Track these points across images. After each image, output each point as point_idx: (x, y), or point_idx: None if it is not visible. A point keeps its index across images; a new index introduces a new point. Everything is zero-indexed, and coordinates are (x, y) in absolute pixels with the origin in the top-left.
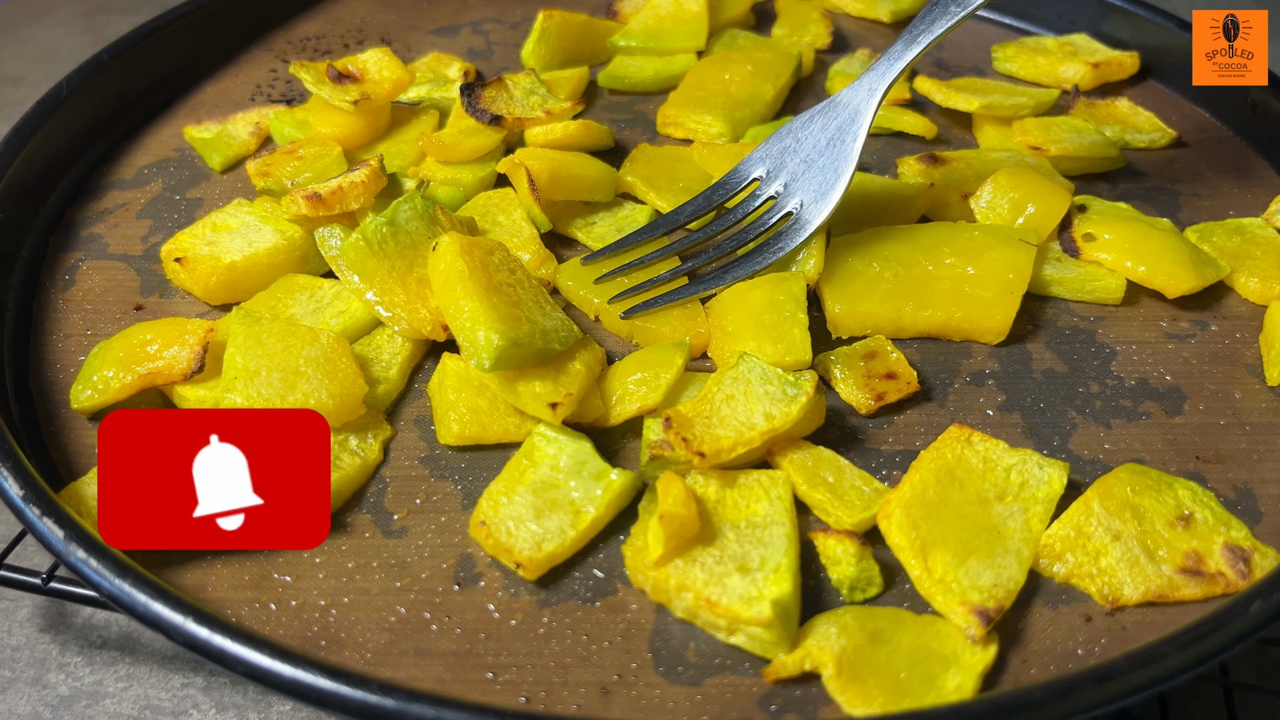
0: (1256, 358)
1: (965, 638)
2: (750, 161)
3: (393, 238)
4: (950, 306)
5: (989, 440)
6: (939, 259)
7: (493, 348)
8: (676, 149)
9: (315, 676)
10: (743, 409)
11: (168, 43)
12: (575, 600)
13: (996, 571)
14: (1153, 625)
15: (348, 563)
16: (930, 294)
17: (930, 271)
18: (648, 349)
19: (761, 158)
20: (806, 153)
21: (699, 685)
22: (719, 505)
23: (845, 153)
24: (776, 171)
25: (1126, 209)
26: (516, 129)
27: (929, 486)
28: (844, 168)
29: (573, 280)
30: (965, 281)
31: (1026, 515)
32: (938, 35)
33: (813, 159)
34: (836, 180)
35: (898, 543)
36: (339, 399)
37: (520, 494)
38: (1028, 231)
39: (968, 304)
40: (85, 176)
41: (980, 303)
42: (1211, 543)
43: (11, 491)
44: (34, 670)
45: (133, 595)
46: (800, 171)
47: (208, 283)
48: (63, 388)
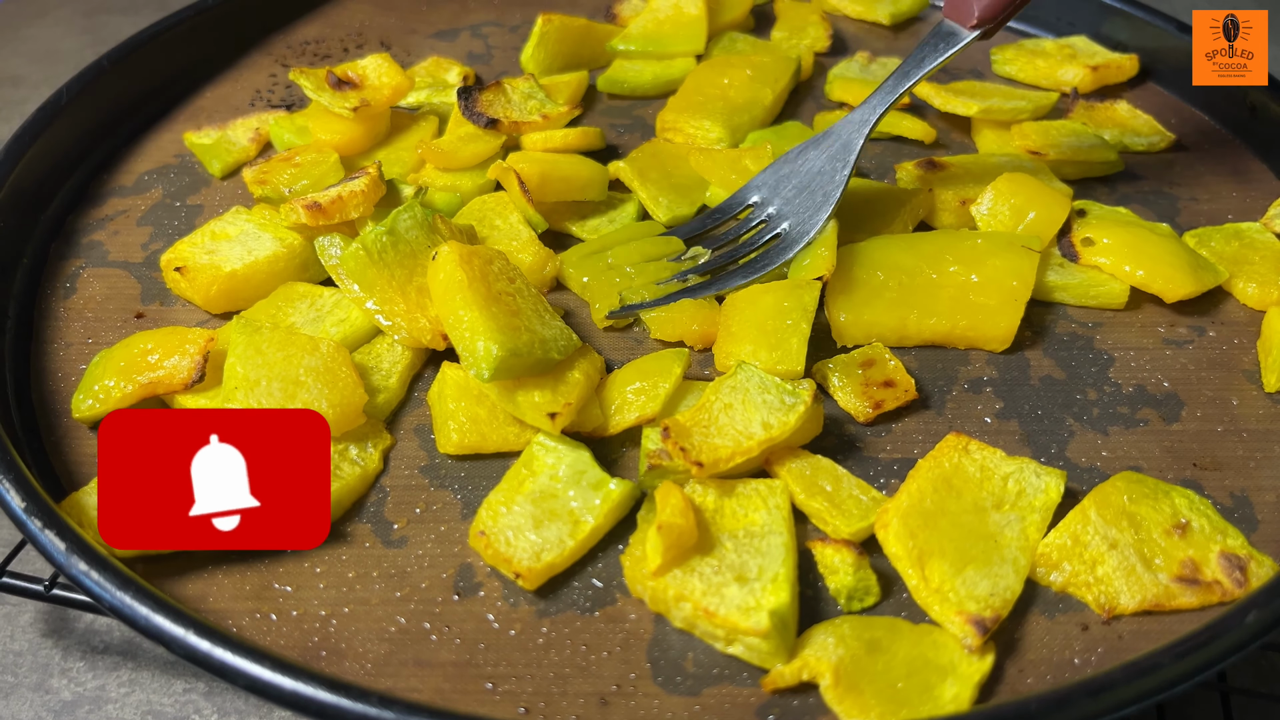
0: (1254, 364)
1: (962, 647)
2: (748, 188)
3: (392, 247)
4: (954, 314)
5: (986, 449)
6: (942, 267)
7: (492, 358)
8: (674, 146)
9: (315, 689)
10: (741, 418)
11: (167, 48)
12: (574, 610)
13: (993, 581)
14: (1149, 634)
15: (348, 572)
16: (934, 302)
17: (934, 280)
18: (646, 358)
19: (758, 185)
20: (800, 180)
21: (697, 695)
22: (717, 515)
23: (834, 180)
24: (771, 198)
25: (1126, 214)
26: (513, 133)
27: (926, 496)
28: (832, 193)
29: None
30: (969, 289)
31: (1024, 524)
32: (928, 70)
33: (804, 185)
34: (825, 203)
35: (895, 552)
36: (339, 408)
37: (519, 504)
38: (1030, 238)
39: (972, 312)
40: (85, 183)
41: (984, 310)
42: (1208, 551)
43: (13, 503)
44: (36, 675)
45: (134, 608)
46: (792, 197)
47: (208, 292)
48: (64, 396)
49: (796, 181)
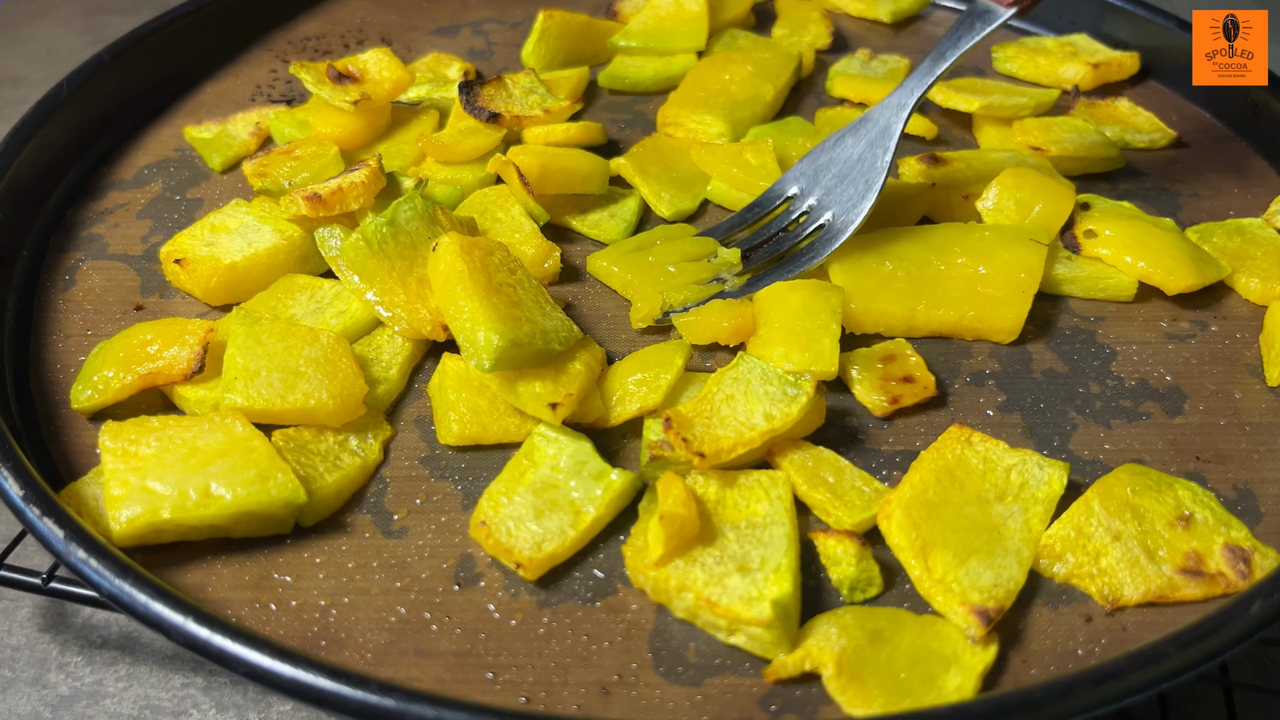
0: (1256, 358)
1: (965, 638)
2: (785, 180)
3: (393, 238)
4: (963, 305)
5: (989, 440)
6: (950, 259)
7: (492, 348)
8: (675, 141)
9: (315, 676)
10: (743, 409)
11: (168, 43)
12: (575, 600)
13: (996, 572)
14: (1153, 626)
15: (348, 563)
16: (943, 293)
17: (942, 271)
18: (648, 349)
19: (796, 176)
20: (839, 168)
21: (699, 685)
22: (719, 505)
23: (876, 166)
24: (810, 188)
25: (1130, 208)
26: (515, 127)
27: (929, 487)
28: (874, 180)
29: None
30: (977, 281)
31: (1027, 515)
32: (964, 51)
33: (845, 173)
34: (867, 191)
35: (898, 543)
36: (339, 399)
37: (520, 494)
38: (1038, 231)
39: (980, 303)
40: (86, 176)
41: (992, 302)
42: (1212, 543)
43: (11, 491)
44: (34, 670)
45: (133, 595)
46: (833, 186)
47: (208, 284)
48: (63, 388)
49: (836, 170)
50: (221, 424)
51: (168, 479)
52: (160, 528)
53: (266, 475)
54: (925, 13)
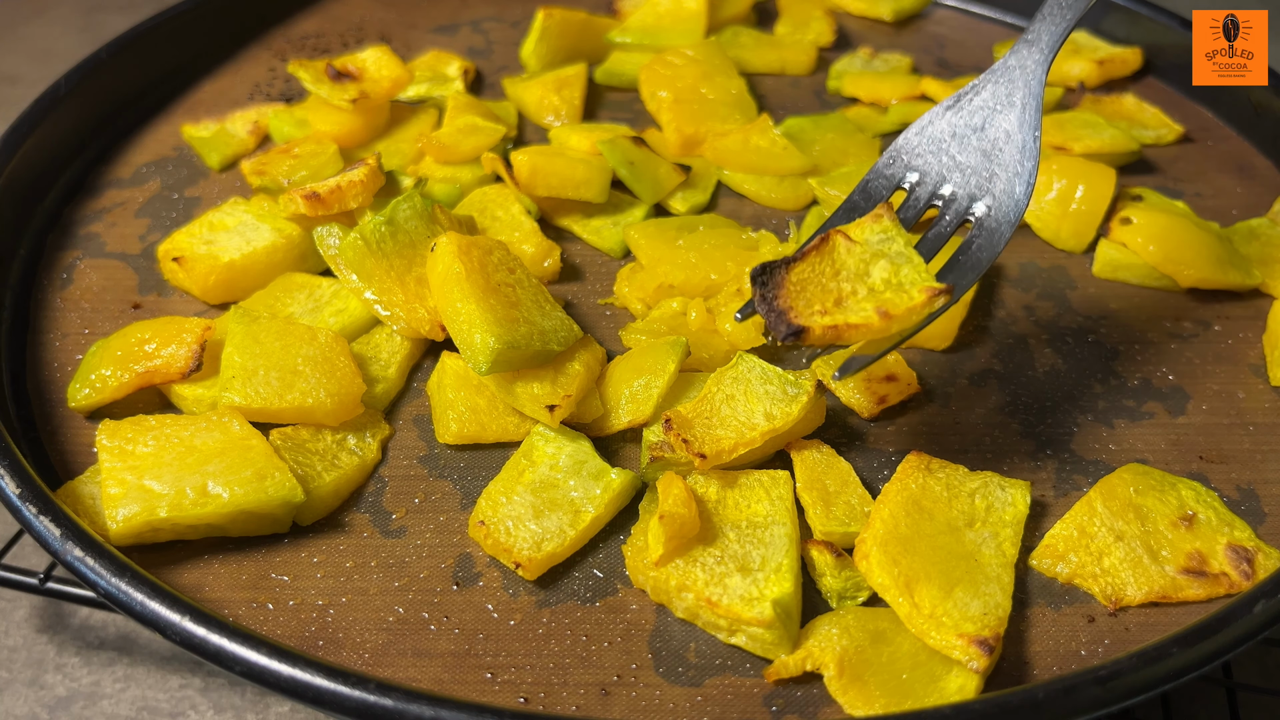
0: (1260, 358)
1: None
2: (896, 166)
3: (391, 237)
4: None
5: (949, 465)
6: None
7: (489, 350)
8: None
9: (313, 675)
10: (743, 409)
11: (166, 41)
12: (575, 600)
13: (984, 600)
14: (1156, 626)
15: (346, 562)
16: None
17: None
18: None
19: (906, 161)
20: (980, 142)
21: (699, 686)
22: (720, 505)
23: (1023, 145)
24: (938, 173)
25: (1181, 207)
26: None
27: (899, 521)
28: (1026, 159)
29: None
30: None
31: (998, 540)
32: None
33: (988, 149)
34: (1020, 173)
35: (881, 583)
36: (337, 398)
37: (519, 494)
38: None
39: None
40: (83, 175)
41: None
42: (1215, 543)
43: (8, 490)
44: (31, 671)
45: (129, 594)
46: (978, 167)
47: (206, 282)
48: (60, 386)
49: (975, 145)
50: (219, 423)
51: (165, 478)
52: (157, 527)
53: (264, 474)
54: (927, 11)
